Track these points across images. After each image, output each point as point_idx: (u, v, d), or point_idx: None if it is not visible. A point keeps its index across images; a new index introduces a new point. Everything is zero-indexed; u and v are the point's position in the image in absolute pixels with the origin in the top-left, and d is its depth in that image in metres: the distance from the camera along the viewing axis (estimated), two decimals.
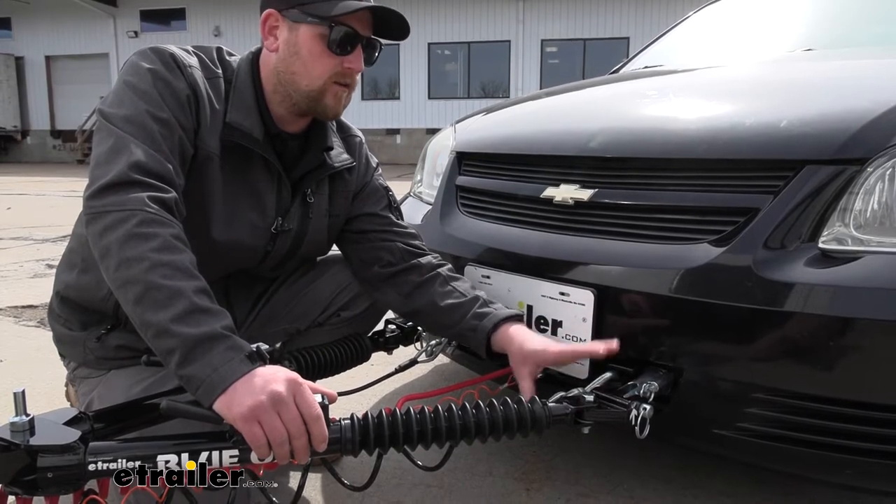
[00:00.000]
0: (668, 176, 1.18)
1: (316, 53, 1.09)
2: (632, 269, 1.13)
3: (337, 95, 1.13)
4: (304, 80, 1.11)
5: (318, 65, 1.09)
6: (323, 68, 1.10)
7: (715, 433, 1.08)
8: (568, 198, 1.27)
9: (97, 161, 0.97)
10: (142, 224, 0.90)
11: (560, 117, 1.65)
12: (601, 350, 1.11)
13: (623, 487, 1.40)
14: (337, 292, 1.40)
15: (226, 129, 1.10)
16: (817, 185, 1.01)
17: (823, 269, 0.97)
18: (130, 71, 1.05)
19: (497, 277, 1.35)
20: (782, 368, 1.00)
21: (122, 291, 0.89)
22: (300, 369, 1.23)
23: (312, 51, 1.08)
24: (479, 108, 2.04)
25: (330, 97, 1.13)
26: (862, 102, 1.10)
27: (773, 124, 1.12)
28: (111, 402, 1.02)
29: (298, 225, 1.25)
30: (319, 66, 1.09)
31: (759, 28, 2.22)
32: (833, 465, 1.00)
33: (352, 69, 1.11)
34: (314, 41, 1.08)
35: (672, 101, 1.45)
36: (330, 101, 1.13)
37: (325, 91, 1.11)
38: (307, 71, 1.10)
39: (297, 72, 1.11)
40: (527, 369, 1.15)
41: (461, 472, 1.47)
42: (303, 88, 1.11)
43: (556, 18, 16.25)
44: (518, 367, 1.17)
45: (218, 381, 0.83)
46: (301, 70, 1.10)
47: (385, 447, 0.92)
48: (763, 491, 1.39)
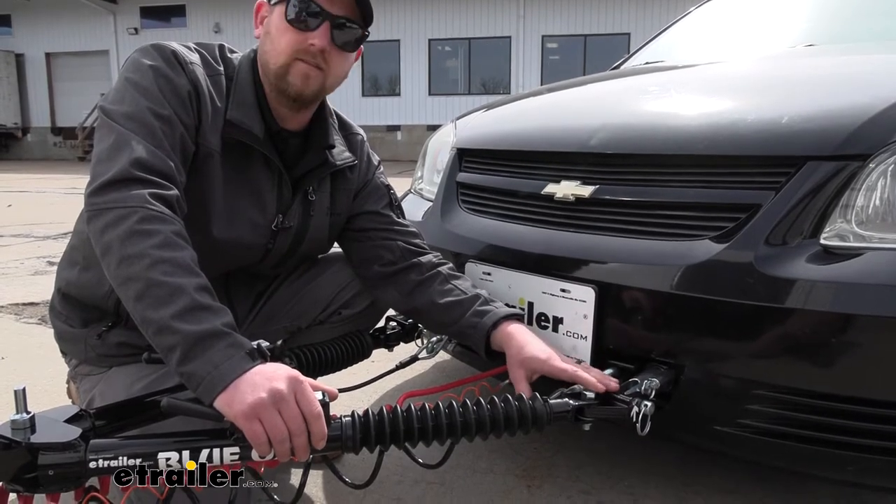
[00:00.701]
0: (669, 172, 1.18)
1: (281, 29, 1.08)
2: (633, 265, 1.13)
3: (304, 74, 1.09)
4: (272, 59, 1.10)
5: (281, 40, 1.08)
6: (286, 43, 1.08)
7: (716, 430, 1.08)
8: (569, 194, 1.26)
9: (98, 158, 0.97)
10: (143, 221, 0.90)
11: (561, 113, 1.65)
12: (600, 386, 1.07)
13: (624, 484, 1.40)
14: (338, 290, 1.40)
15: (227, 127, 1.10)
16: (819, 182, 1.01)
17: (825, 266, 0.97)
18: (132, 68, 1.04)
19: (498, 274, 1.35)
20: (784, 365, 0.99)
21: (124, 288, 0.89)
22: (301, 366, 1.23)
23: (278, 27, 1.08)
24: (480, 105, 2.04)
25: (295, 75, 1.09)
26: (864, 98, 1.10)
27: (774, 120, 1.11)
28: (112, 399, 1.02)
29: (299, 223, 1.25)
30: (283, 41, 1.08)
31: (761, 23, 2.21)
32: (835, 462, 1.00)
33: (314, 45, 1.07)
34: (280, 18, 1.08)
35: (673, 97, 1.44)
36: (295, 79, 1.09)
37: (290, 67, 1.09)
38: (274, 47, 1.09)
39: (267, 51, 1.11)
40: (522, 372, 1.15)
41: (462, 469, 1.47)
42: (272, 67, 1.10)
43: (556, 14, 16.22)
44: (514, 369, 1.16)
45: (219, 379, 0.83)
46: (270, 48, 1.10)
47: (386, 444, 0.92)
48: (765, 488, 1.39)
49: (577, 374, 1.09)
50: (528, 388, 1.13)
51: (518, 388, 1.14)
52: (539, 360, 1.13)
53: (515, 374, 1.16)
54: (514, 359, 1.16)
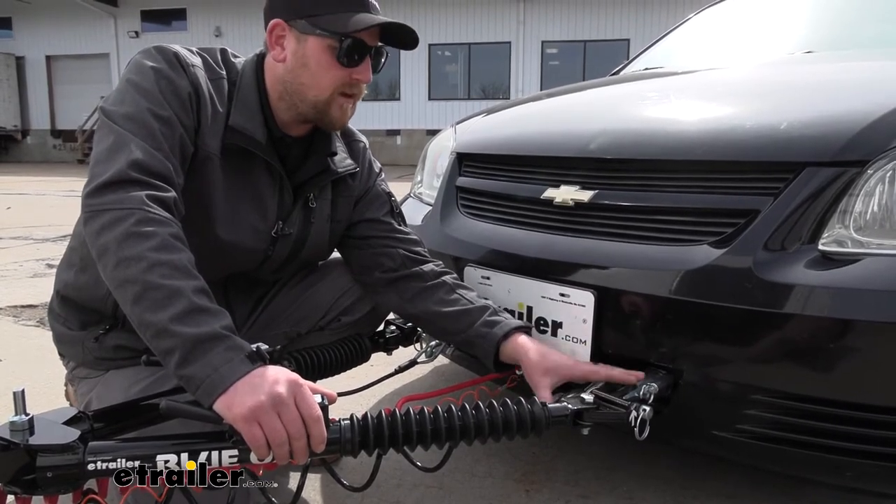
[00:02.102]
0: (668, 177, 1.18)
1: (324, 65, 1.08)
2: (632, 270, 1.13)
3: (343, 107, 1.13)
4: (311, 92, 1.11)
5: (326, 76, 1.09)
6: (331, 80, 1.10)
7: (714, 435, 1.08)
8: (568, 199, 1.27)
9: (97, 159, 0.97)
10: (140, 223, 0.90)
11: (560, 119, 1.65)
12: (632, 379, 1.10)
13: (623, 489, 1.40)
14: (338, 297, 1.39)
15: (229, 132, 1.10)
16: (817, 187, 1.01)
17: (823, 271, 0.97)
18: (134, 69, 1.05)
19: (497, 278, 1.35)
20: (782, 370, 1.00)
21: (121, 291, 0.89)
22: (300, 370, 1.23)
23: (321, 62, 1.08)
24: (480, 110, 2.04)
25: (336, 108, 1.13)
26: (862, 104, 1.10)
27: (773, 126, 1.12)
28: (109, 402, 1.02)
29: (299, 229, 1.25)
30: (328, 77, 1.09)
31: (760, 30, 2.22)
32: (832, 467, 1.00)
33: (360, 80, 1.11)
34: (323, 53, 1.08)
35: (672, 102, 1.45)
36: (336, 113, 1.13)
37: (332, 102, 1.12)
38: (315, 82, 1.10)
39: (305, 83, 1.10)
40: (548, 380, 1.14)
41: (460, 473, 1.47)
42: (310, 99, 1.11)
43: (556, 20, 16.26)
44: (537, 377, 1.15)
45: (218, 382, 0.83)
46: (309, 81, 1.10)
47: (384, 448, 0.92)
48: (763, 492, 1.39)
49: (610, 373, 1.13)
50: (551, 396, 1.12)
51: (541, 396, 1.12)
52: (567, 366, 1.15)
53: (539, 382, 1.14)
54: (536, 367, 1.15)
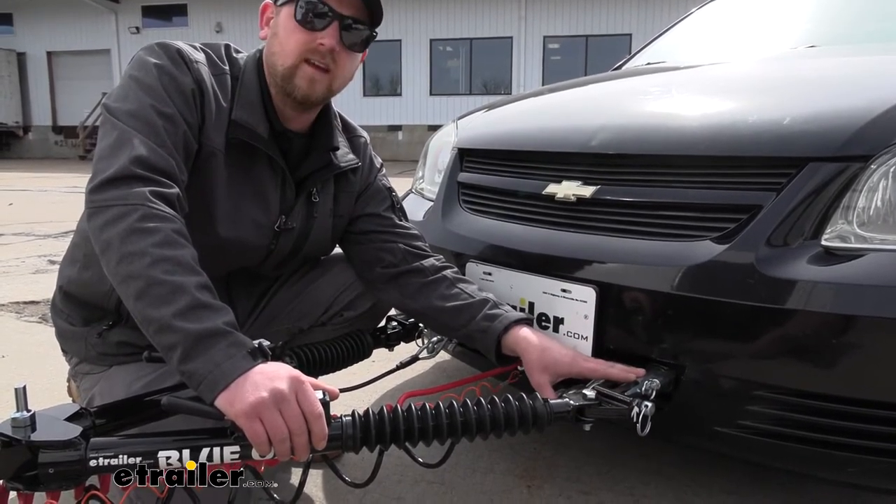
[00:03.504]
0: (670, 173, 1.18)
1: (289, 29, 1.07)
2: (634, 266, 1.13)
3: (310, 78, 1.09)
4: (279, 59, 1.09)
5: (290, 41, 1.08)
6: (294, 44, 1.07)
7: (716, 431, 1.08)
8: (570, 194, 1.26)
9: (100, 155, 0.97)
10: (143, 219, 0.90)
11: (562, 114, 1.65)
12: (631, 378, 1.09)
13: (624, 485, 1.40)
14: (339, 292, 1.39)
15: (231, 127, 1.10)
16: (820, 183, 1.01)
17: (826, 267, 0.96)
18: (137, 66, 1.04)
19: (499, 274, 1.35)
20: (785, 366, 0.99)
21: (124, 287, 0.89)
22: (301, 365, 1.23)
23: (287, 27, 1.08)
24: (481, 105, 2.04)
25: (301, 77, 1.09)
26: (865, 99, 1.10)
27: (776, 121, 1.11)
28: (112, 398, 1.02)
29: (302, 224, 1.25)
30: (291, 41, 1.08)
31: (762, 24, 2.21)
32: (835, 463, 1.00)
33: (323, 45, 1.07)
34: (288, 18, 1.07)
35: (675, 97, 1.44)
36: (301, 82, 1.09)
37: (297, 69, 1.09)
38: (282, 48, 1.09)
39: (275, 52, 1.10)
40: (546, 377, 1.14)
41: (462, 468, 1.47)
42: (279, 69, 1.10)
43: (558, 15, 16.21)
44: (536, 374, 1.14)
45: (220, 378, 0.83)
46: (278, 49, 1.09)
47: (386, 444, 0.92)
48: (765, 488, 1.39)
49: (608, 371, 1.12)
50: (552, 392, 1.12)
51: (543, 393, 1.11)
52: (564, 363, 1.14)
53: (539, 379, 1.14)
54: (535, 363, 1.15)
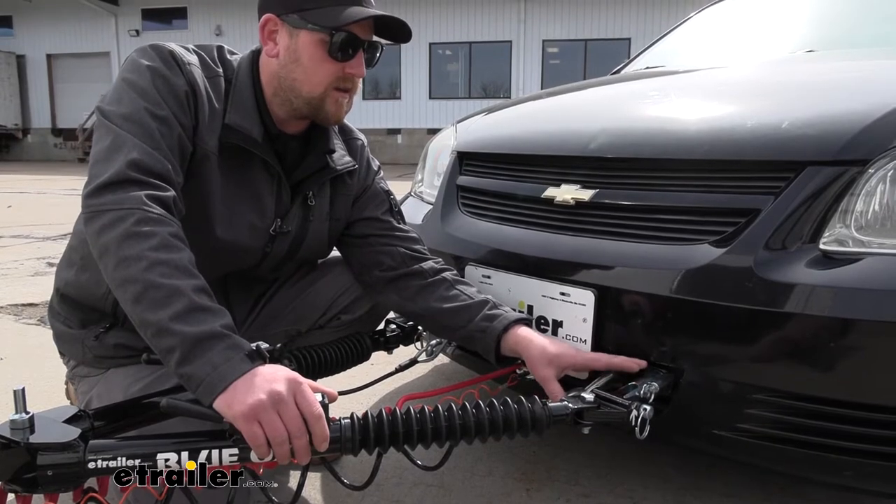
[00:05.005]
0: (669, 176, 1.18)
1: (317, 60, 1.08)
2: (633, 269, 1.13)
3: (338, 102, 1.13)
4: (305, 87, 1.10)
5: (319, 71, 1.09)
6: (324, 74, 1.09)
7: (715, 434, 1.08)
8: (569, 198, 1.27)
9: (96, 159, 0.97)
10: (140, 223, 0.90)
11: (561, 117, 1.65)
12: (634, 367, 1.10)
13: (623, 487, 1.40)
14: (337, 295, 1.39)
15: (225, 130, 1.10)
16: (818, 187, 1.01)
17: (824, 271, 0.97)
18: (130, 68, 1.04)
19: (498, 277, 1.35)
20: (783, 369, 1.00)
21: (121, 290, 0.89)
22: (300, 368, 1.23)
23: (314, 57, 1.08)
24: (481, 108, 2.04)
25: (331, 103, 1.12)
26: (863, 104, 1.10)
27: (774, 125, 1.11)
28: (110, 400, 1.02)
29: (298, 227, 1.25)
30: (321, 72, 1.09)
31: (761, 29, 2.22)
32: (833, 467, 1.00)
33: (353, 74, 1.10)
34: (315, 47, 1.07)
35: (673, 101, 1.44)
36: (331, 108, 1.13)
37: (326, 97, 1.11)
38: (308, 77, 1.09)
39: (298, 78, 1.10)
40: (552, 371, 1.14)
41: (461, 471, 1.47)
42: (304, 95, 1.11)
43: (557, 19, 16.25)
44: (541, 369, 1.14)
45: (218, 380, 0.83)
46: (302, 77, 1.10)
47: (385, 446, 0.92)
48: (763, 492, 1.38)
49: (612, 361, 1.12)
50: (559, 387, 1.13)
51: (549, 388, 1.12)
52: (570, 355, 1.14)
53: (544, 373, 1.14)
54: (539, 359, 1.14)
